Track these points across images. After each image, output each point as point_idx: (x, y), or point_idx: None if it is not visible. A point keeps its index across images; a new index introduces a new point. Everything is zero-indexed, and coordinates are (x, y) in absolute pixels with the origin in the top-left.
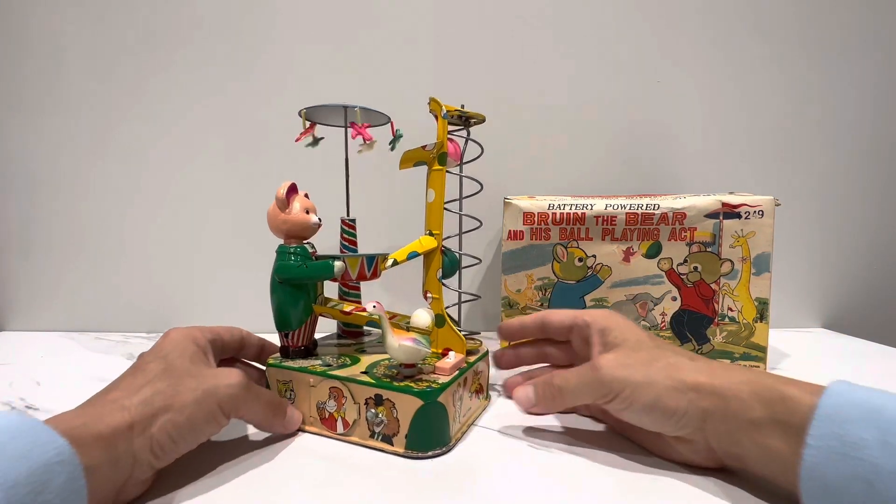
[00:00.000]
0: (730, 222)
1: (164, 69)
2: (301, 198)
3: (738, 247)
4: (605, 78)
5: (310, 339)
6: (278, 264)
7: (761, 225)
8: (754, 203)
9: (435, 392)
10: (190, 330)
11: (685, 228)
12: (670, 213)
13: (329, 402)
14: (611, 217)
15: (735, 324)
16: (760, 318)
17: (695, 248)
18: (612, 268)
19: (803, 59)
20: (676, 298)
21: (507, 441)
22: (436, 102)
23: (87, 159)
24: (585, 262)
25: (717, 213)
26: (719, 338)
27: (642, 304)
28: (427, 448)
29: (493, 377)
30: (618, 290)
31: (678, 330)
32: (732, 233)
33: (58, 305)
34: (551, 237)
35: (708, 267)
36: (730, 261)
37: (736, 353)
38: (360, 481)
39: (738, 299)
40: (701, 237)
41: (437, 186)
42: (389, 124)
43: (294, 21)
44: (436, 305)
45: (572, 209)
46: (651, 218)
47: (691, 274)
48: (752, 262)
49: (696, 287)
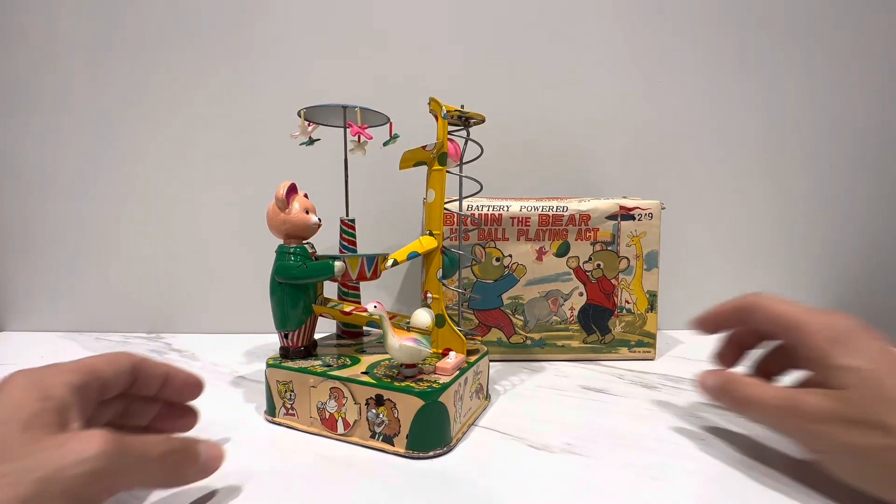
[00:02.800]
0: (626, 223)
1: (164, 69)
2: (300, 198)
3: (633, 245)
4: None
5: (310, 340)
6: (278, 265)
7: (650, 226)
8: (645, 206)
9: (436, 392)
10: (41, 374)
11: (590, 229)
12: (577, 214)
13: (330, 403)
14: (525, 218)
15: (631, 314)
16: (651, 308)
17: (598, 247)
18: (526, 266)
19: (785, 55)
20: (583, 294)
21: (508, 441)
22: (436, 102)
23: (87, 159)
24: (502, 262)
25: (615, 214)
26: (619, 328)
27: (553, 300)
28: (428, 448)
29: (492, 377)
30: (532, 288)
31: (584, 323)
32: (628, 233)
33: (58, 305)
34: (470, 238)
35: (609, 264)
36: (626, 258)
37: (632, 340)
38: (361, 482)
39: (633, 293)
40: (602, 237)
41: (437, 186)
42: (389, 125)
43: (295, 22)
44: (436, 305)
45: (489, 210)
46: (560, 219)
47: (595, 271)
48: (644, 258)
49: (599, 283)
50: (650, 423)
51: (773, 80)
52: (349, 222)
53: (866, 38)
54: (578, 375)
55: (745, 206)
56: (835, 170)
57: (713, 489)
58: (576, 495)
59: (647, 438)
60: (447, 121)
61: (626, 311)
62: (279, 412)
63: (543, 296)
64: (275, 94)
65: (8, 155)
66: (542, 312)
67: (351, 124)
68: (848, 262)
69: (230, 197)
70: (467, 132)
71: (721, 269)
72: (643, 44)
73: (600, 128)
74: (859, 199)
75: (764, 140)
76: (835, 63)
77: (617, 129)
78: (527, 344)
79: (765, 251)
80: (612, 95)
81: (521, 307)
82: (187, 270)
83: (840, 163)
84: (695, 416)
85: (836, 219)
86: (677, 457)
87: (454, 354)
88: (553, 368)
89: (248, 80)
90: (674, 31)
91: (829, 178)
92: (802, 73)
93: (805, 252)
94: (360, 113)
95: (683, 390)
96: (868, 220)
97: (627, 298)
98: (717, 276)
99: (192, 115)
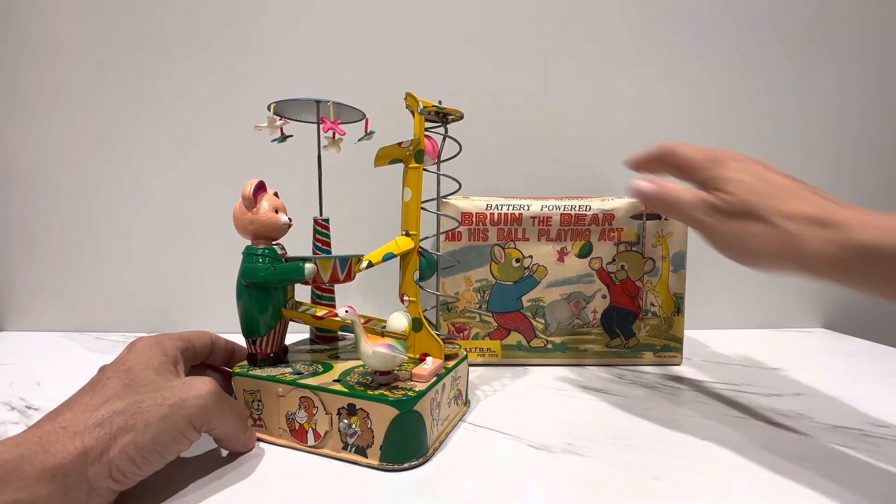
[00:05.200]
0: (652, 223)
1: (165, 69)
2: (270, 196)
3: (659, 246)
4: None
5: (280, 346)
6: (244, 267)
7: (677, 226)
8: None
9: (411, 400)
10: (158, 338)
11: (613, 229)
12: (600, 214)
13: (299, 413)
14: (546, 218)
15: (657, 318)
16: (677, 311)
17: (622, 248)
18: (547, 268)
19: (790, 57)
20: (606, 296)
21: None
22: (412, 97)
23: (88, 159)
24: (522, 263)
25: (640, 214)
26: (644, 332)
27: (576, 302)
28: (403, 460)
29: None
30: (553, 290)
31: (608, 326)
32: (654, 233)
33: (58, 305)
34: (489, 238)
35: (633, 265)
36: (652, 259)
37: (657, 345)
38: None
39: (658, 295)
40: (627, 237)
41: (414, 185)
42: (364, 121)
43: (293, 22)
44: (413, 309)
45: (509, 210)
46: (583, 219)
47: (619, 272)
48: (671, 259)
49: (623, 285)
50: (650, 423)
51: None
52: (323, 222)
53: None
54: (578, 375)
55: None
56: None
57: (713, 489)
58: (576, 495)
59: (647, 438)
60: (423, 116)
61: (652, 315)
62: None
63: (565, 298)
64: (276, 95)
65: (8, 155)
66: (564, 315)
67: (324, 119)
68: None
69: (230, 197)
70: (445, 129)
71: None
72: (657, 44)
73: (616, 127)
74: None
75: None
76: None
77: (632, 129)
78: (548, 348)
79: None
80: (626, 94)
81: (542, 310)
82: (187, 270)
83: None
84: (695, 417)
85: None
86: (677, 457)
87: (431, 360)
88: (553, 368)
89: (250, 80)
90: (686, 31)
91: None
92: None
93: None
94: (332, 108)
95: (684, 390)
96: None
97: (653, 301)
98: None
99: (194, 116)
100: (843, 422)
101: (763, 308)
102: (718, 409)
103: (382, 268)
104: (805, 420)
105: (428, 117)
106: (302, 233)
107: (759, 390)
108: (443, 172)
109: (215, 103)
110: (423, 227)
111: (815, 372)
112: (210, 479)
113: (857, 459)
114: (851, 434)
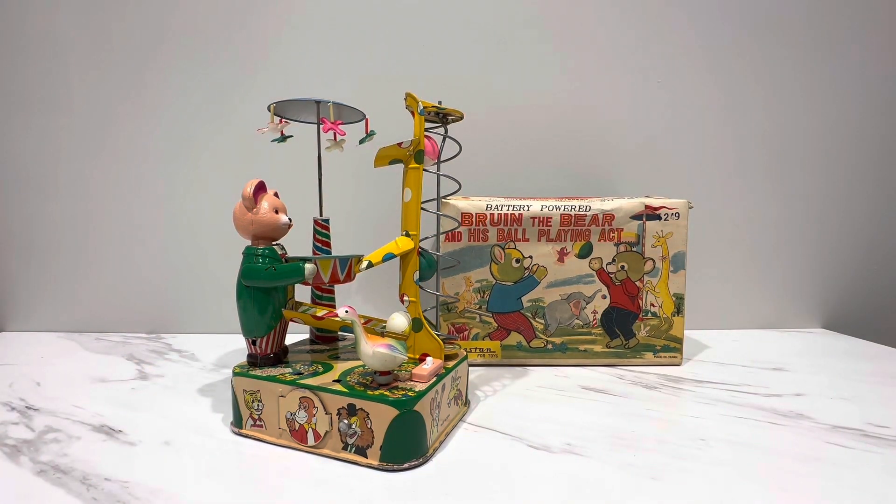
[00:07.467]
0: (652, 223)
1: (165, 70)
2: (270, 196)
3: (659, 246)
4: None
5: (279, 346)
6: (244, 267)
7: (677, 226)
8: (672, 205)
9: (411, 401)
10: None
11: (613, 229)
12: (600, 214)
13: (299, 413)
14: (546, 218)
15: (656, 318)
16: (677, 311)
17: (622, 249)
18: (547, 268)
19: (789, 59)
20: (606, 296)
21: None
22: (412, 98)
23: (88, 160)
24: (522, 263)
25: (640, 214)
26: (644, 332)
27: (576, 302)
28: (403, 460)
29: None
30: (553, 290)
31: (608, 326)
32: (654, 233)
33: (58, 305)
34: (489, 238)
35: (633, 266)
36: (652, 259)
37: (657, 345)
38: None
39: (659, 295)
40: (627, 238)
41: (414, 185)
42: (364, 122)
43: (294, 22)
44: (413, 309)
45: (509, 210)
46: (583, 219)
47: (619, 273)
48: (671, 260)
49: (622, 285)
50: (650, 423)
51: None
52: (323, 222)
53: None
54: (578, 375)
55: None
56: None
57: (713, 489)
58: (576, 495)
59: (647, 438)
60: (423, 117)
61: (652, 315)
62: (246, 423)
63: (565, 298)
64: (274, 95)
65: (8, 156)
66: (564, 316)
67: (324, 120)
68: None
69: (230, 197)
70: (445, 129)
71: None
72: (657, 44)
73: (619, 128)
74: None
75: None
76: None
77: (634, 129)
78: (548, 348)
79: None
80: (625, 94)
81: (542, 310)
82: (187, 271)
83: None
84: (695, 417)
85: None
86: (677, 457)
87: (431, 360)
88: (553, 368)
89: (249, 80)
90: (686, 31)
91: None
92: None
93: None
94: (332, 108)
95: (684, 390)
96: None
97: (653, 301)
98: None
99: (193, 117)
100: (843, 422)
101: (763, 308)
102: (718, 410)
103: (382, 268)
104: (805, 420)
105: (428, 118)
106: (302, 233)
107: (759, 390)
108: (443, 173)
109: (215, 104)
110: (423, 227)
111: (815, 372)
112: (210, 479)
113: (856, 459)
114: (851, 434)
